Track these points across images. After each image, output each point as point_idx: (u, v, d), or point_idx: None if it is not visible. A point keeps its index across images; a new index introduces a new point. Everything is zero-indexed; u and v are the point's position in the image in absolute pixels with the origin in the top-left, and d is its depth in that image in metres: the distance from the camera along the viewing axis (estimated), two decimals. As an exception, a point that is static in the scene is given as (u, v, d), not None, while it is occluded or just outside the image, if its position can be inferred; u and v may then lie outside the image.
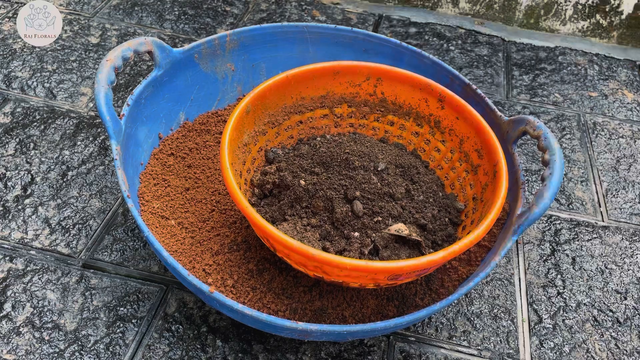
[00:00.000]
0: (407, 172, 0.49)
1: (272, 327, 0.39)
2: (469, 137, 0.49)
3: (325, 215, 0.44)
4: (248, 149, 0.49)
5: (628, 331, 0.50)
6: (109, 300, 0.49)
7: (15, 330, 0.46)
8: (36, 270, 0.51)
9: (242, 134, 0.48)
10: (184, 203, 0.52)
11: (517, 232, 0.43)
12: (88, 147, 0.63)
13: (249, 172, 0.49)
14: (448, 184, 0.52)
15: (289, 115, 0.53)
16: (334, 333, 0.38)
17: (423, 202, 0.47)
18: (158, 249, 0.40)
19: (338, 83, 0.54)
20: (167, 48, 0.53)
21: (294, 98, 0.53)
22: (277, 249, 0.40)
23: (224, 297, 0.38)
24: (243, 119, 0.47)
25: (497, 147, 0.45)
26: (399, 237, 0.44)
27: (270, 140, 0.53)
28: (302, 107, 0.54)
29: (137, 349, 0.46)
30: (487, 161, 0.47)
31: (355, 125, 0.56)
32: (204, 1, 0.89)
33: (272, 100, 0.51)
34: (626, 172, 0.66)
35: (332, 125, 0.56)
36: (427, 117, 0.53)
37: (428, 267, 0.38)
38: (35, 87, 0.70)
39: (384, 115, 0.55)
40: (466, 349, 0.48)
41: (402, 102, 0.54)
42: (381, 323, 0.38)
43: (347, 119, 0.56)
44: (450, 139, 0.52)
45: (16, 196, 0.57)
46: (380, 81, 0.54)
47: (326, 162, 0.48)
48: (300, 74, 0.51)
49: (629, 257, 0.57)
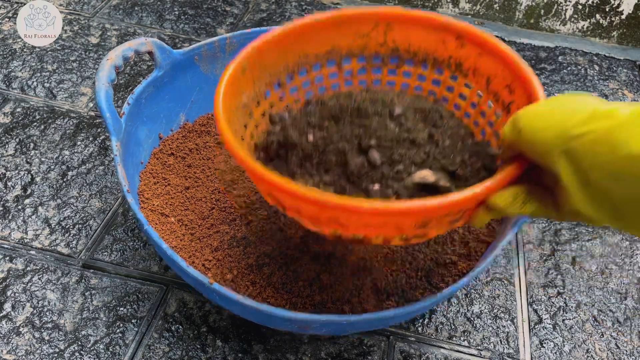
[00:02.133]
0: (429, 116, 0.42)
1: (271, 318, 0.39)
2: (496, 74, 0.44)
3: (339, 170, 0.39)
4: (249, 111, 0.44)
5: (628, 331, 0.50)
6: (109, 300, 0.49)
7: (15, 330, 0.46)
8: (36, 270, 0.51)
9: (240, 94, 0.43)
10: (184, 201, 0.52)
11: (517, 224, 0.43)
12: (88, 147, 0.63)
13: (252, 138, 0.45)
14: (478, 131, 0.46)
15: (292, 76, 0.48)
16: (334, 324, 0.38)
17: (450, 147, 0.40)
18: (157, 242, 0.40)
19: (343, 35, 0.48)
20: (167, 49, 0.53)
21: (295, 56, 0.47)
22: (286, 205, 0.35)
23: (223, 288, 0.38)
24: (239, 78, 0.42)
25: (531, 76, 0.40)
26: (425, 186, 0.37)
27: (274, 103, 0.48)
28: (307, 65, 0.49)
29: (137, 349, 0.46)
30: (520, 94, 0.41)
31: (367, 82, 0.51)
32: (203, 1, 0.89)
33: (271, 58, 0.46)
34: (626, 172, 0.66)
35: (342, 84, 0.51)
36: (447, 61, 0.47)
37: (464, 207, 0.33)
38: (35, 87, 0.70)
39: (399, 67, 0.50)
40: (466, 349, 0.48)
41: (416, 49, 0.48)
42: (381, 313, 0.38)
43: (358, 75, 0.51)
44: (475, 80, 0.46)
45: (16, 196, 0.57)
46: (390, 27, 0.48)
47: (336, 114, 0.42)
48: (299, 27, 0.46)
49: (629, 257, 0.57)
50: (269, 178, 0.32)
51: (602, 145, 0.25)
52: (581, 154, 0.27)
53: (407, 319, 0.49)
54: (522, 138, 0.30)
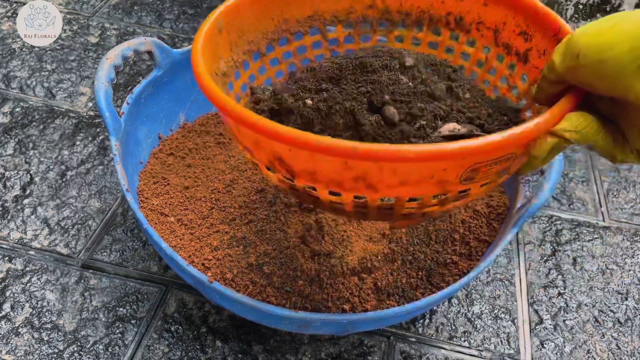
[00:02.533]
0: (442, 70, 0.38)
1: (272, 317, 0.39)
2: (505, 22, 0.39)
3: (348, 134, 0.33)
4: (228, 81, 0.39)
5: (629, 332, 0.50)
6: (108, 301, 0.49)
7: (14, 330, 0.46)
8: (35, 271, 0.51)
9: (218, 59, 0.38)
10: (184, 201, 0.52)
11: (518, 224, 0.43)
12: (87, 147, 0.63)
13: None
14: (489, 90, 0.42)
15: (272, 46, 0.43)
16: (334, 323, 0.38)
17: (472, 99, 0.36)
18: (157, 241, 0.40)
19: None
20: (166, 49, 0.53)
21: (274, 20, 0.42)
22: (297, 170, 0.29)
23: (223, 287, 0.38)
24: (215, 38, 0.37)
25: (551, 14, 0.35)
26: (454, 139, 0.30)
27: (256, 76, 0.43)
28: (287, 32, 0.44)
29: (137, 350, 0.46)
30: (540, 38, 0.37)
31: (355, 51, 0.44)
32: (203, 0, 0.88)
33: (249, 20, 0.41)
34: (627, 172, 0.66)
35: (327, 55, 0.46)
36: (445, 18, 0.43)
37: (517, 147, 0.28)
38: (35, 87, 0.70)
39: (390, 32, 0.45)
40: (467, 349, 0.48)
41: (409, 8, 0.44)
42: (381, 312, 0.38)
43: (345, 44, 0.46)
44: (480, 35, 0.42)
45: (15, 196, 0.57)
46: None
47: (334, 75, 0.37)
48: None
49: (630, 257, 0.56)
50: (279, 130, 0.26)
51: None
52: None
53: (407, 318, 0.49)
54: (582, 61, 0.26)
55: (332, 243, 0.48)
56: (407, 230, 0.50)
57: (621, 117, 0.28)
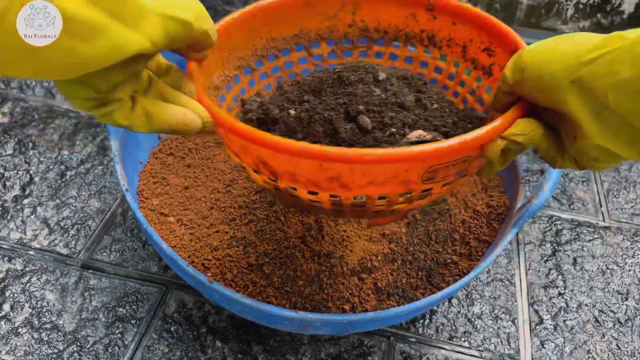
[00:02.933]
0: (412, 83, 0.42)
1: (272, 317, 0.39)
2: (472, 40, 0.44)
3: (327, 141, 0.37)
4: (219, 94, 0.43)
5: (629, 332, 0.50)
6: (108, 301, 0.49)
7: (14, 330, 0.46)
8: (35, 271, 0.51)
9: (210, 74, 0.41)
10: (183, 201, 0.52)
11: (518, 224, 0.43)
12: (87, 147, 0.63)
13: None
14: (459, 101, 0.46)
15: (262, 60, 0.47)
16: (334, 323, 0.38)
17: (439, 110, 0.40)
18: (157, 241, 0.40)
19: (311, 16, 0.47)
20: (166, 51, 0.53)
21: (263, 39, 0.46)
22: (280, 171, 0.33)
23: (223, 287, 0.38)
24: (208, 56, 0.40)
25: (510, 31, 0.39)
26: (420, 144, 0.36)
27: (246, 89, 0.46)
28: (275, 49, 0.47)
29: (136, 350, 0.46)
30: (501, 53, 0.41)
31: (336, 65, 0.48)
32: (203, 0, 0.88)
33: (239, 39, 0.44)
34: (627, 172, 0.66)
35: (312, 70, 0.49)
36: (419, 36, 0.47)
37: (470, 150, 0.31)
38: (34, 87, 0.70)
39: (369, 48, 0.49)
40: (467, 349, 0.48)
41: (386, 26, 0.48)
42: (381, 312, 0.38)
43: (329, 59, 0.50)
44: (450, 51, 0.46)
45: (15, 196, 0.57)
46: (358, 6, 0.47)
47: (315, 88, 0.41)
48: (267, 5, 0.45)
49: (630, 257, 0.56)
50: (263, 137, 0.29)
51: (622, 64, 0.25)
52: (595, 78, 0.26)
53: (407, 318, 0.49)
54: (526, 76, 0.29)
55: (332, 243, 0.48)
56: (407, 230, 0.50)
57: (561, 126, 0.31)
